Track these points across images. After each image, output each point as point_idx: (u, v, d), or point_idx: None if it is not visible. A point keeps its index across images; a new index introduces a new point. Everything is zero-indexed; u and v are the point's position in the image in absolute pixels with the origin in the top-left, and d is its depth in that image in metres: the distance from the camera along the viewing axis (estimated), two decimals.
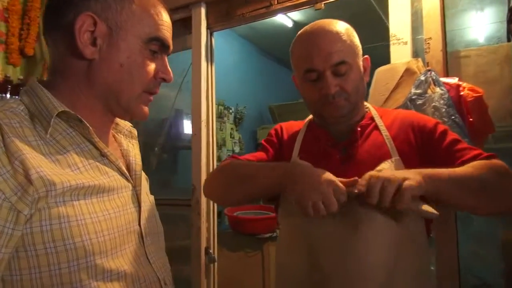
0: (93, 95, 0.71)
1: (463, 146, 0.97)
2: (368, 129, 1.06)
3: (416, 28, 1.56)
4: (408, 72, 1.45)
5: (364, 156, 1.02)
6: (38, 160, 0.59)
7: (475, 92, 1.34)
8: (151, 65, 0.73)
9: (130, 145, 0.84)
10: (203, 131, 1.99)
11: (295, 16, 3.75)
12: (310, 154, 1.07)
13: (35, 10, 2.02)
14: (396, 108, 1.37)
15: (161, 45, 0.73)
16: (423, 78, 1.39)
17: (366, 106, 1.13)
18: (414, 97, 1.38)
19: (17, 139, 0.59)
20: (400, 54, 1.55)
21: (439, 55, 1.47)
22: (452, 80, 1.39)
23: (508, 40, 1.38)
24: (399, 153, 1.00)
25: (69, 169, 0.63)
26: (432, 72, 1.39)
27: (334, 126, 1.08)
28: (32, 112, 0.65)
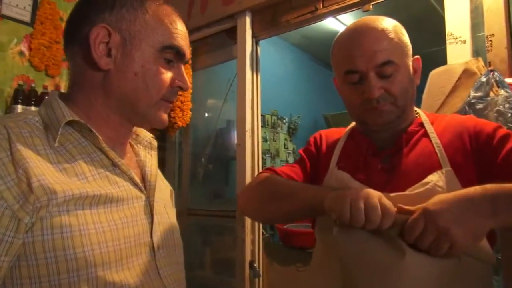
0: (109, 105, 0.72)
1: None
2: (416, 136, 0.95)
3: (477, 25, 1.41)
4: (467, 73, 1.31)
5: (410, 166, 0.91)
6: (42, 169, 0.59)
7: None
8: (167, 73, 0.73)
9: (148, 156, 0.83)
10: (248, 141, 1.96)
11: (347, 21, 3.63)
12: (349, 164, 0.98)
13: None
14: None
15: (176, 53, 0.74)
16: (484, 79, 1.25)
17: (416, 111, 1.02)
18: (473, 100, 1.24)
19: (24, 148, 0.60)
20: (458, 54, 1.41)
21: (503, 53, 1.31)
22: None
23: None
24: (451, 163, 0.87)
25: (76, 178, 0.63)
26: (495, 73, 1.24)
27: (378, 133, 0.98)
28: (46, 122, 0.67)
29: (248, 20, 2.04)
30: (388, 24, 0.92)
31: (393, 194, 0.84)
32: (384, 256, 0.80)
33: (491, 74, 1.24)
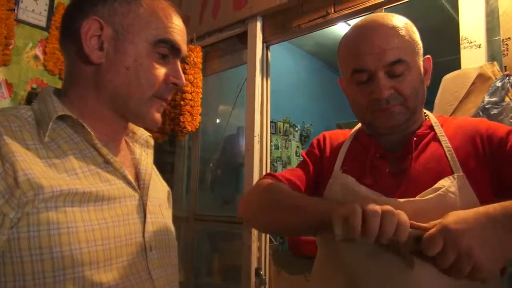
0: (101, 101, 0.70)
1: None
2: (426, 139, 0.90)
3: (492, 29, 1.37)
4: (481, 78, 1.26)
5: (419, 171, 0.86)
6: (30, 163, 0.58)
7: None
8: (160, 69, 0.71)
9: (144, 154, 0.80)
10: (256, 146, 1.94)
11: None
12: (355, 167, 0.93)
13: None
14: None
15: (170, 48, 0.71)
16: (499, 84, 1.20)
17: (425, 113, 0.97)
18: (488, 106, 1.19)
19: (12, 141, 0.59)
20: (473, 58, 1.36)
21: None
22: None
23: None
24: (463, 168, 0.82)
25: (65, 174, 0.61)
26: (511, 77, 1.19)
27: (385, 136, 0.93)
28: (38, 117, 0.66)
29: (259, 24, 2.03)
30: (399, 21, 0.88)
31: (402, 200, 0.80)
32: (392, 269, 0.76)
33: (507, 78, 1.20)
